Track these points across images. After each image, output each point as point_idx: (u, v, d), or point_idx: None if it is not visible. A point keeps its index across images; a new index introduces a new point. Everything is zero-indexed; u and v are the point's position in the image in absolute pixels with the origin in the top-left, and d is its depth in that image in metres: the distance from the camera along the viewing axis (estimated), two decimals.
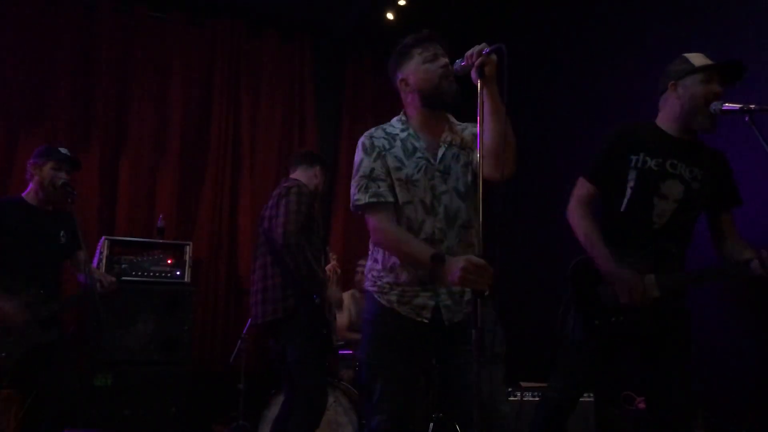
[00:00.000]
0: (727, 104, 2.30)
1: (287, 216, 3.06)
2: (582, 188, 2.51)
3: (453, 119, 2.23)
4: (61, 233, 3.18)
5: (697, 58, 2.41)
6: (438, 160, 2.11)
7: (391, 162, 2.08)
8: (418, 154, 2.10)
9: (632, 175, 2.41)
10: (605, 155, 2.49)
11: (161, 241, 4.62)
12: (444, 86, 2.08)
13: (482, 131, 1.86)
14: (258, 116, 5.44)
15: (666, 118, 2.47)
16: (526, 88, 4.68)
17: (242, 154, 5.32)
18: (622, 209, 2.43)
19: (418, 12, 5.12)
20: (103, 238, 4.33)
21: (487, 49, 1.87)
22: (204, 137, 5.24)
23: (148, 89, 5.11)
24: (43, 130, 4.73)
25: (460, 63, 1.95)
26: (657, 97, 2.54)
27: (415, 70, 2.13)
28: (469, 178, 2.13)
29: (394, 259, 2.09)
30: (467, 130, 2.20)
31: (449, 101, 2.11)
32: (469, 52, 1.91)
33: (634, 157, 2.41)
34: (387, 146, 2.11)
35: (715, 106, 2.32)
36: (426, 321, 2.04)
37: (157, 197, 5.01)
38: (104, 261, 4.21)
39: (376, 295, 2.12)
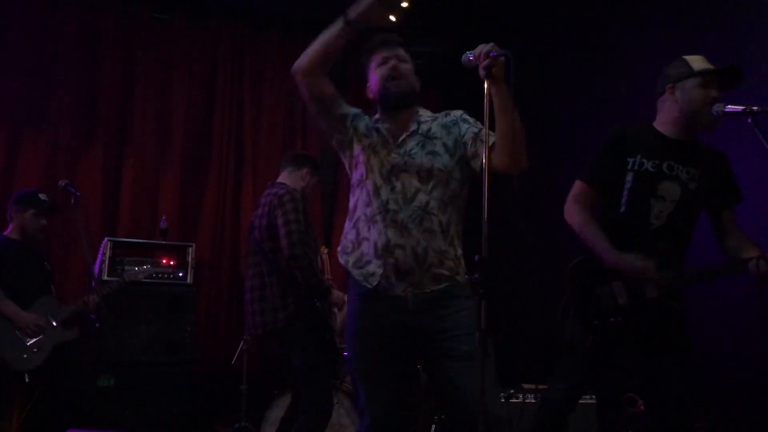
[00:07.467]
0: (729, 106, 2.28)
1: (288, 226, 3.04)
2: (578, 190, 2.52)
3: (424, 112, 2.27)
4: (44, 263, 3.78)
5: (696, 62, 2.39)
6: (398, 143, 2.17)
7: (362, 128, 2.22)
8: (382, 132, 2.20)
9: (629, 177, 2.42)
10: (602, 158, 2.50)
11: (164, 242, 4.62)
12: (389, 88, 2.18)
13: (489, 128, 1.88)
14: (261, 117, 5.45)
15: (664, 120, 2.47)
16: (528, 89, 4.67)
17: (245, 156, 5.32)
18: (621, 211, 2.44)
19: (421, 13, 5.12)
20: (106, 239, 4.33)
21: (493, 53, 1.88)
22: (207, 139, 5.25)
23: (152, 91, 5.11)
24: (47, 131, 4.74)
25: (468, 56, 1.95)
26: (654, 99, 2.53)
27: (372, 77, 2.25)
28: (435, 165, 2.14)
29: (359, 213, 2.14)
30: (437, 120, 2.23)
31: (393, 102, 2.21)
32: (477, 51, 1.92)
33: (630, 159, 2.42)
34: (360, 115, 2.26)
35: (717, 108, 2.30)
36: (371, 287, 2.07)
37: (160, 198, 5.02)
38: (107, 262, 4.21)
39: (341, 258, 2.18)
